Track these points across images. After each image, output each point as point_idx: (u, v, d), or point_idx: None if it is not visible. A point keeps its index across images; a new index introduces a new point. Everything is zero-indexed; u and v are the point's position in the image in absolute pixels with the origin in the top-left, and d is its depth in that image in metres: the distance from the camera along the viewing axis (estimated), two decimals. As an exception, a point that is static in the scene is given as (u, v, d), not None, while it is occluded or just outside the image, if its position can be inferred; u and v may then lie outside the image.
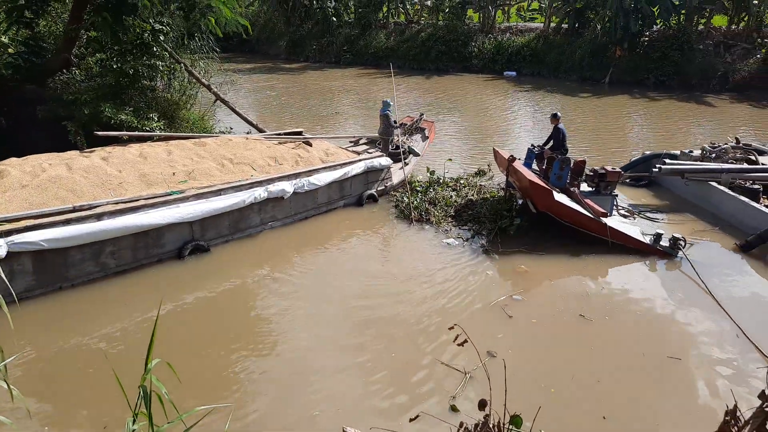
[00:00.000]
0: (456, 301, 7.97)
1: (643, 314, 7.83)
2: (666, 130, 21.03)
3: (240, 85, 27.05)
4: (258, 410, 5.71)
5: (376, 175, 12.31)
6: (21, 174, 8.47)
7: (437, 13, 41.75)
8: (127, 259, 8.44)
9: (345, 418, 5.57)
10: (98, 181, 8.75)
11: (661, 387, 6.26)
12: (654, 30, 32.05)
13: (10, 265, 7.24)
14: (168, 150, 10.39)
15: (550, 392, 6.00)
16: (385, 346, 6.84)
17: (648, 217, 11.30)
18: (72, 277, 7.96)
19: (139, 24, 12.28)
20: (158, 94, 13.83)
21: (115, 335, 7.01)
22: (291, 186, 10.29)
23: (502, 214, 10.68)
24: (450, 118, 22.43)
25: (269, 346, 6.89)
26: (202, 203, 9.01)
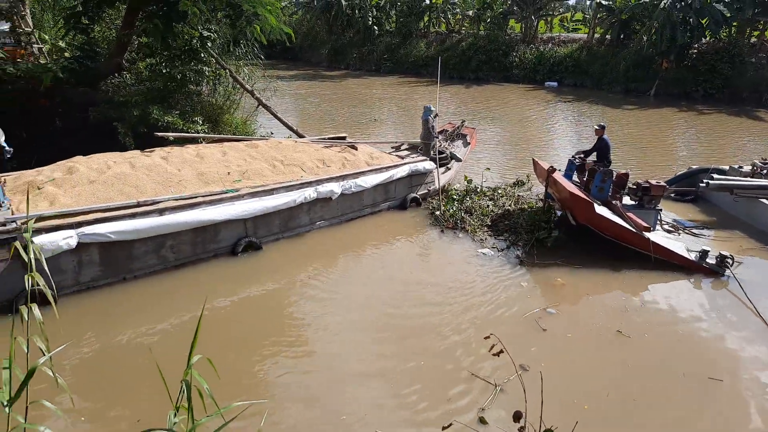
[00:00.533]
0: (489, 312, 7.88)
1: (686, 333, 7.55)
2: (714, 144, 20.34)
3: (282, 91, 27.58)
4: (287, 410, 5.76)
5: (420, 178, 12.45)
6: (88, 170, 8.94)
7: (479, 22, 41.67)
8: (185, 253, 8.84)
9: (372, 425, 5.58)
10: (159, 178, 9.21)
11: (701, 409, 6.03)
12: (703, 42, 31.13)
13: (79, 256, 7.73)
14: (223, 151, 10.88)
15: (583, 409, 5.85)
16: (416, 355, 6.79)
17: (693, 233, 10.92)
18: (135, 269, 8.37)
19: (188, 31, 12.68)
20: (203, 98, 14.24)
21: (164, 329, 7.25)
22: (339, 187, 10.58)
23: (540, 226, 10.51)
24: (489, 128, 22.27)
25: (304, 349, 6.95)
26: (256, 201, 9.36)
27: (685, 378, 6.49)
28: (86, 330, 7.15)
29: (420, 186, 12.50)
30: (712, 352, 7.16)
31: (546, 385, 5.46)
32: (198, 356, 2.65)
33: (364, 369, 6.47)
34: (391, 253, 10.06)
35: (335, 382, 6.24)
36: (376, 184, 11.33)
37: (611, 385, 6.29)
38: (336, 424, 5.60)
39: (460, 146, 15.03)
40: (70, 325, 7.13)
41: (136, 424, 5.41)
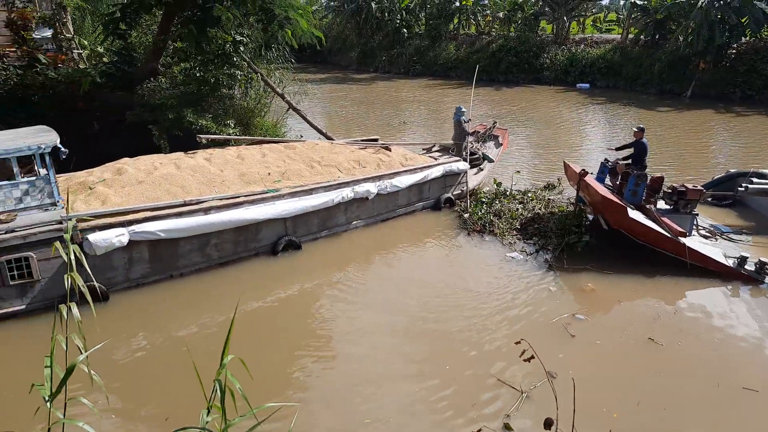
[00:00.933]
0: (516, 318, 7.79)
1: (722, 342, 7.33)
2: (753, 147, 19.68)
3: (311, 94, 27.83)
4: (315, 412, 5.82)
5: (454, 179, 12.59)
6: (136, 171, 9.35)
7: (509, 24, 41.27)
8: (228, 252, 9.15)
9: (395, 428, 5.58)
10: (203, 179, 9.59)
11: (734, 420, 5.85)
12: (742, 42, 30.18)
13: (129, 253, 8.11)
14: (262, 152, 11.26)
15: (613, 417, 5.73)
16: (443, 359, 6.77)
17: (732, 238, 10.58)
18: (181, 267, 8.72)
19: (222, 35, 12.93)
20: (235, 101, 14.49)
21: (205, 326, 7.49)
22: (375, 187, 10.79)
23: (571, 230, 10.35)
24: (519, 130, 22.03)
25: (334, 351, 7.02)
26: (296, 201, 9.62)
27: (719, 388, 6.32)
28: (134, 326, 7.48)
29: (454, 186, 12.60)
30: (749, 362, 6.94)
31: (572, 392, 5.39)
32: (231, 356, 2.69)
33: (391, 373, 6.48)
34: (420, 256, 10.07)
35: (363, 384, 6.26)
36: (411, 184, 11.49)
37: (641, 394, 6.16)
38: (363, 425, 5.61)
39: (492, 147, 15.07)
40: (120, 321, 7.53)
41: (165, 423, 5.53)
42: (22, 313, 7.50)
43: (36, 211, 7.78)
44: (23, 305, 7.50)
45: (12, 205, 7.61)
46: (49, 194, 7.86)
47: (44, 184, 7.79)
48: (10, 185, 7.58)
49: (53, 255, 7.32)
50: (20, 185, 7.65)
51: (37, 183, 7.75)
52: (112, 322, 7.39)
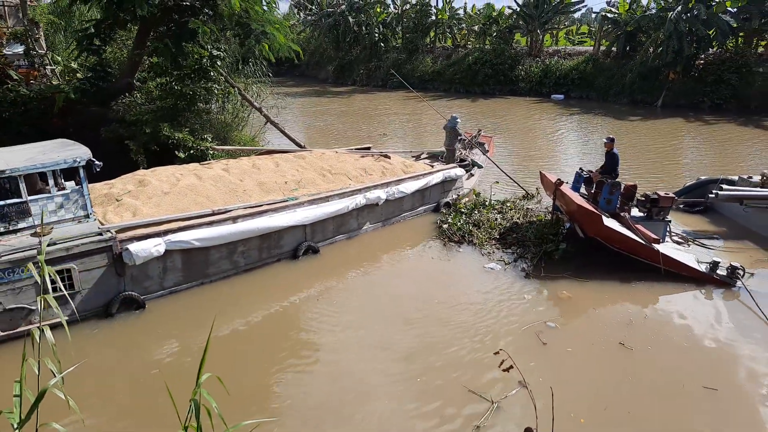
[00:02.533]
0: (492, 328, 7.82)
1: (692, 345, 7.48)
2: (723, 154, 20.24)
3: (290, 108, 27.81)
4: (290, 429, 5.77)
5: (451, 184, 13.30)
6: (159, 183, 9.50)
7: (484, 37, 41.92)
8: (254, 259, 9.47)
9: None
10: (225, 189, 9.88)
11: (695, 419, 6.00)
12: (710, 53, 31.11)
13: (164, 262, 8.30)
14: (276, 162, 11.66)
15: (580, 423, 5.78)
16: (417, 372, 6.75)
17: (704, 244, 10.84)
18: (211, 274, 8.97)
19: (198, 50, 12.90)
20: (213, 116, 14.44)
21: (228, 335, 7.42)
22: (384, 194, 11.37)
23: (548, 238, 10.49)
24: (497, 141, 22.27)
25: (312, 367, 6.97)
26: (315, 208, 10.08)
27: (684, 389, 6.45)
28: (170, 331, 7.70)
29: (450, 191, 13.32)
30: (713, 362, 7.10)
31: (544, 400, 5.47)
32: (207, 374, 2.68)
33: (366, 389, 6.43)
34: (400, 269, 10.09)
35: (340, 401, 6.22)
36: (416, 190, 12.10)
37: (610, 398, 6.26)
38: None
39: (479, 154, 15.58)
40: (160, 325, 7.81)
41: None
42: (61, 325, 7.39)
43: (71, 223, 7.87)
44: (64, 316, 7.31)
45: (47, 218, 7.68)
46: (83, 207, 7.96)
47: (78, 196, 7.89)
48: (46, 198, 7.63)
49: (93, 266, 7.59)
50: (55, 198, 7.71)
51: (71, 196, 7.82)
52: (143, 330, 7.67)
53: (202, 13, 12.49)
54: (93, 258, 7.63)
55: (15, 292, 7.14)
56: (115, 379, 6.61)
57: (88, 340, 7.43)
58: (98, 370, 6.76)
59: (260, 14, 12.91)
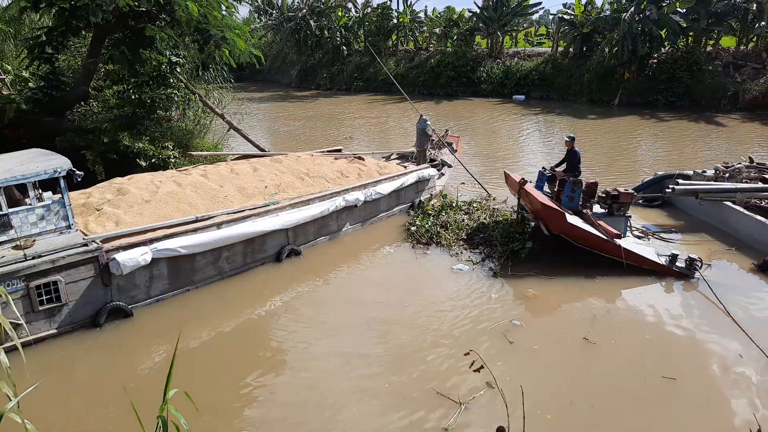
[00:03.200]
0: (459, 329, 7.83)
1: (654, 337, 7.69)
2: (678, 150, 20.97)
3: (253, 113, 27.50)
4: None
5: (425, 184, 13.65)
6: (139, 191, 9.36)
7: (446, 39, 42.39)
8: (238, 264, 9.49)
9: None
10: (207, 195, 9.83)
11: (655, 408, 6.15)
12: (662, 52, 32.22)
13: (150, 271, 8.21)
14: (253, 167, 11.58)
15: (546, 419, 5.86)
16: (384, 378, 6.70)
17: (662, 238, 11.20)
18: (197, 281, 8.92)
19: (156, 56, 12.63)
20: (173, 123, 14.13)
21: (218, 340, 7.40)
22: (363, 195, 11.53)
23: (514, 237, 10.65)
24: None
25: (282, 377, 6.87)
26: (296, 212, 10.15)
27: (645, 380, 6.62)
28: (158, 339, 7.61)
29: (424, 191, 13.69)
30: (673, 353, 7.30)
31: (512, 398, 5.52)
32: (174, 390, 2.61)
33: (335, 399, 6.32)
34: (368, 273, 10.05)
35: (309, 411, 6.13)
36: (392, 190, 12.32)
37: (574, 393, 6.36)
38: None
39: (448, 153, 15.81)
40: (145, 335, 7.72)
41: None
42: (51, 337, 7.44)
43: (52, 235, 7.66)
44: (51, 329, 7.46)
45: (28, 231, 7.46)
46: (64, 218, 7.76)
47: (59, 207, 7.69)
48: (26, 210, 7.42)
49: (79, 278, 7.48)
50: (36, 210, 7.49)
51: (53, 207, 7.62)
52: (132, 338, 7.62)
53: (159, 19, 12.21)
54: (79, 269, 7.52)
55: (1, 306, 6.93)
56: (84, 398, 6.38)
57: (73, 353, 7.30)
58: (68, 387, 6.54)
59: (219, 19, 12.70)
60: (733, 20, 32.08)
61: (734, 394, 6.39)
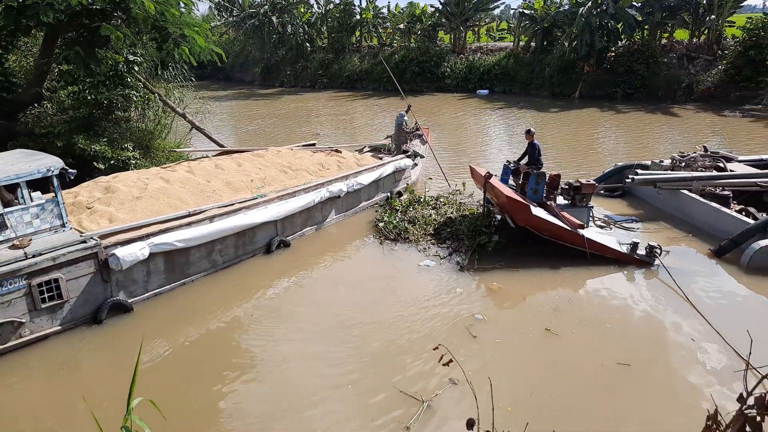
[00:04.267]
0: (425, 325, 7.84)
1: (615, 324, 7.87)
2: (636, 141, 21.56)
3: (217, 112, 27.00)
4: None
5: (401, 174, 14.19)
6: (128, 188, 9.47)
7: (409, 35, 42.47)
8: (230, 256, 9.74)
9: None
10: (195, 190, 10.02)
11: (610, 394, 6.33)
12: (619, 46, 33.04)
13: (147, 265, 8.40)
14: (237, 162, 11.85)
15: (507, 411, 5.91)
16: (348, 377, 6.67)
17: (624, 226, 11.50)
18: (192, 274, 9.14)
19: (112, 56, 12.26)
20: (132, 124, 13.77)
21: (216, 331, 7.34)
22: (345, 186, 11.91)
23: (481, 231, 10.78)
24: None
25: (250, 381, 6.79)
26: (284, 204, 10.45)
27: (603, 368, 6.77)
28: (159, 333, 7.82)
29: (401, 181, 14.23)
30: (631, 339, 7.50)
31: (477, 392, 5.53)
32: (138, 399, 2.55)
33: (300, 402, 6.27)
34: (336, 270, 10.02)
35: (276, 411, 6.10)
36: (372, 181, 12.77)
37: (535, 384, 6.46)
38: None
39: (419, 144, 16.19)
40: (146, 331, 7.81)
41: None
42: (53, 334, 7.52)
43: (47, 233, 7.72)
44: (54, 327, 7.56)
45: (24, 230, 7.49)
46: (58, 216, 7.82)
47: (53, 206, 7.74)
48: (21, 209, 7.44)
49: (80, 274, 7.58)
50: (30, 209, 7.53)
51: (46, 206, 7.67)
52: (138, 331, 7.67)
53: (115, 17, 11.85)
54: (79, 266, 7.61)
55: (4, 305, 7.01)
56: (53, 408, 6.18)
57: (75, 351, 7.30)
58: (44, 397, 6.30)
59: (177, 17, 12.39)
60: (685, 13, 33.09)
61: (691, 377, 6.62)
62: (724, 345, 7.07)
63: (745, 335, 3.98)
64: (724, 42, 31.71)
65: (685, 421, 5.75)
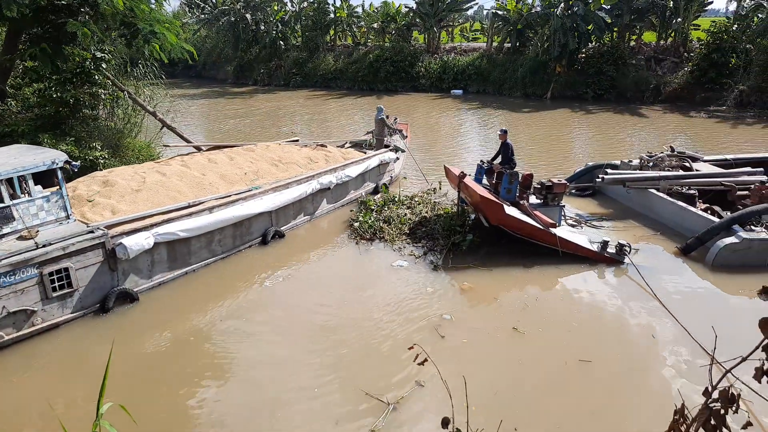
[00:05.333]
0: (399, 326, 7.81)
1: (580, 323, 7.96)
2: (606, 141, 21.98)
3: (189, 110, 26.59)
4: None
5: (385, 167, 14.69)
6: (126, 181, 9.74)
7: (384, 35, 42.49)
8: (229, 246, 10.13)
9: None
10: (192, 183, 10.36)
11: (572, 390, 6.44)
12: (590, 47, 33.64)
13: (152, 255, 8.71)
14: (229, 156, 12.26)
15: (472, 410, 5.95)
16: (314, 380, 6.63)
17: (594, 225, 11.72)
18: (193, 263, 9.48)
19: (80, 52, 11.96)
20: (101, 123, 13.46)
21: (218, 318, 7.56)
22: (335, 178, 12.38)
23: (455, 230, 10.85)
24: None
25: (223, 384, 6.73)
26: (279, 195, 10.86)
27: (567, 365, 6.87)
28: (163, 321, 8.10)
29: (385, 174, 14.72)
30: (594, 336, 7.62)
31: (442, 394, 5.51)
32: (109, 404, 2.49)
33: (264, 406, 6.20)
34: (310, 271, 9.95)
35: (241, 414, 6.05)
36: (359, 173, 13.26)
37: (499, 384, 6.51)
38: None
39: (399, 140, 16.52)
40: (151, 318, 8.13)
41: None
42: (64, 323, 7.78)
43: (53, 225, 7.98)
44: (64, 315, 7.81)
45: (30, 222, 7.72)
46: (63, 208, 8.10)
47: (57, 198, 7.99)
48: (27, 201, 7.68)
49: (88, 263, 7.84)
50: (36, 201, 7.77)
51: (51, 198, 7.91)
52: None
53: (82, 13, 11.55)
54: (88, 255, 7.86)
55: (17, 294, 7.24)
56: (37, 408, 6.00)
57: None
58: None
59: (147, 13, 12.15)
60: (653, 16, 33.88)
61: (659, 372, 6.79)
62: (691, 341, 7.27)
63: (710, 331, 4.10)
64: (690, 45, 32.57)
65: (653, 415, 5.88)
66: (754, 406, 5.63)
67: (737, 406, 2.44)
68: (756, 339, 2.16)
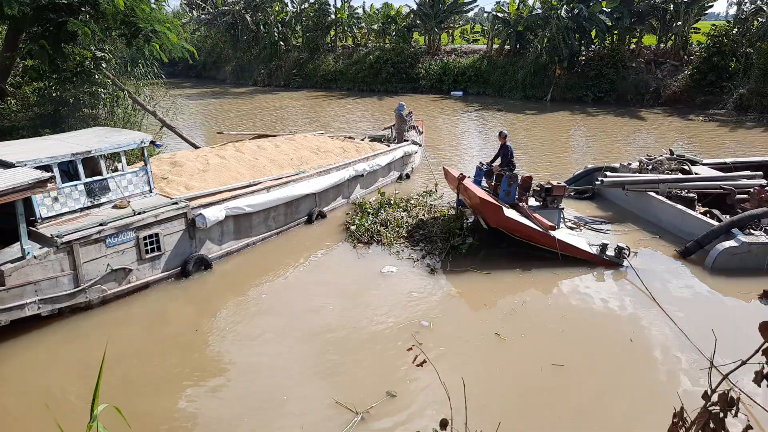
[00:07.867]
0: (381, 334, 7.71)
1: (566, 326, 7.86)
2: (605, 143, 21.97)
3: (189, 110, 26.55)
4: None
5: (409, 158, 16.18)
6: (192, 163, 11.06)
7: (384, 36, 42.49)
8: (281, 223, 11.35)
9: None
10: (248, 165, 11.65)
11: (545, 394, 6.40)
12: (590, 50, 33.65)
13: (222, 227, 9.95)
14: (275, 144, 13.66)
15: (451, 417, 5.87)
16: (291, 387, 6.58)
17: (593, 228, 11.71)
18: (253, 235, 10.70)
19: (80, 51, 11.95)
20: (101, 121, 13.44)
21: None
22: (368, 166, 13.65)
23: (454, 233, 10.82)
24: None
25: (211, 386, 6.72)
26: (323, 179, 12.07)
27: (542, 371, 6.80)
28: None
29: (408, 164, 16.16)
30: (574, 340, 7.54)
31: (418, 404, 5.47)
32: (104, 405, 2.48)
33: (232, 418, 6.13)
34: (304, 275, 9.86)
35: (208, 422, 6.02)
36: (387, 163, 14.54)
37: (474, 391, 6.25)
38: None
39: (415, 135, 17.32)
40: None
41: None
42: (153, 282, 8.99)
43: (139, 197, 9.23)
44: (153, 275, 8.98)
45: (121, 194, 8.91)
46: (147, 182, 9.38)
47: (143, 173, 9.28)
48: (120, 175, 8.94)
49: (173, 231, 9.04)
50: (126, 175, 9.04)
51: (139, 173, 9.22)
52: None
53: (82, 12, 11.54)
54: (173, 223, 9.01)
55: (119, 254, 8.38)
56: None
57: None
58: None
59: (147, 13, 12.15)
60: (653, 19, 33.89)
61: (658, 376, 6.78)
62: (690, 344, 7.26)
63: (710, 334, 4.10)
64: (690, 48, 32.59)
65: (653, 418, 5.88)
66: (755, 410, 5.63)
67: (737, 410, 2.43)
68: (756, 342, 2.15)
